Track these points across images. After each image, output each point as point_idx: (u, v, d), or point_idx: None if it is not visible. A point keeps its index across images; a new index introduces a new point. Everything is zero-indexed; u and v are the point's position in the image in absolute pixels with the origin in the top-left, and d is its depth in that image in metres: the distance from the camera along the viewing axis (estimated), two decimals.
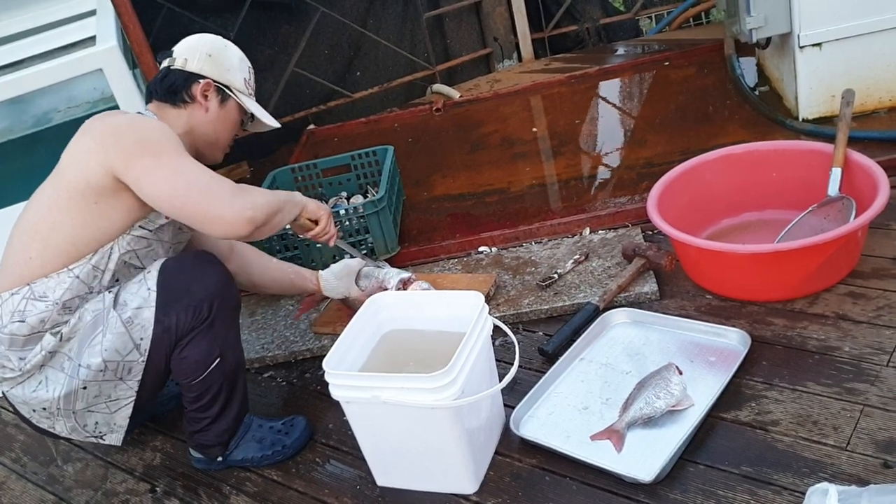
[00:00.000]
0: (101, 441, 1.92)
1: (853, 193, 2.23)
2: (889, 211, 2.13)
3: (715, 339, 2.07)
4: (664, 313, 2.20)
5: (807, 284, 2.13)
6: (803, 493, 1.59)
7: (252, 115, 2.07)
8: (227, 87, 2.00)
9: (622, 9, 5.09)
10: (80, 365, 1.79)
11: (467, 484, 1.83)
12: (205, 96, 1.96)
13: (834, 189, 2.26)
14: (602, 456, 1.80)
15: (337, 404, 1.80)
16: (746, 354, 1.97)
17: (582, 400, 2.00)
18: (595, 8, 4.77)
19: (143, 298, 1.81)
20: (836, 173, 2.27)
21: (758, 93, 3.30)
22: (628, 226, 2.61)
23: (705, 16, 4.83)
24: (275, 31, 4.18)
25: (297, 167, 3.13)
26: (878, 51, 2.74)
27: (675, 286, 2.32)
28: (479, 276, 2.49)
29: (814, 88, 2.85)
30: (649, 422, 1.86)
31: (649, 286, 2.29)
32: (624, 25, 4.88)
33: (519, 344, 2.23)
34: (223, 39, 2.05)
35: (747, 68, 3.46)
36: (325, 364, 1.75)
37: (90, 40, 2.74)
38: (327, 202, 3.08)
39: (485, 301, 1.92)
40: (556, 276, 2.41)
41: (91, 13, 2.99)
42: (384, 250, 2.68)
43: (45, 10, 3.11)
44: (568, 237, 2.64)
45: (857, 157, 2.27)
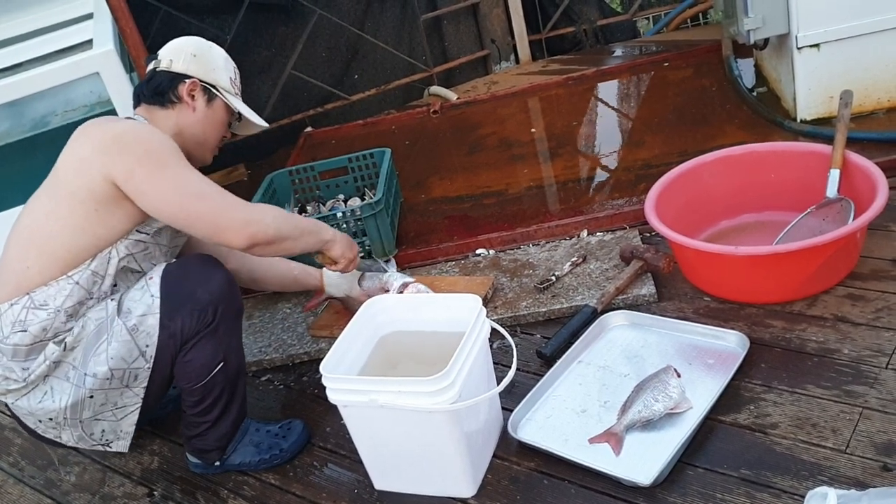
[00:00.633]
0: (108, 448, 1.90)
1: (852, 195, 2.22)
2: (888, 212, 2.13)
3: (713, 342, 2.07)
4: (662, 316, 2.20)
5: (805, 286, 2.13)
6: (802, 497, 1.58)
7: (239, 115, 2.07)
8: (213, 86, 2.00)
9: (619, 10, 5.09)
10: (85, 374, 1.78)
11: (465, 487, 1.82)
12: (191, 96, 1.96)
13: (832, 190, 2.26)
14: (600, 459, 1.80)
15: (334, 408, 1.79)
16: (745, 357, 1.97)
17: (580, 403, 1.99)
18: (592, 9, 4.77)
19: (147, 305, 1.79)
20: (835, 175, 2.27)
21: (756, 94, 3.29)
22: (626, 228, 2.61)
23: (703, 17, 4.83)
24: (272, 34, 4.17)
25: (295, 170, 3.13)
26: (876, 52, 2.74)
27: (672, 288, 2.32)
28: (477, 278, 2.49)
29: (812, 89, 2.85)
30: (648, 425, 1.85)
31: (647, 288, 2.29)
32: (621, 27, 4.87)
33: (517, 346, 2.22)
34: (207, 41, 2.06)
35: (745, 69, 3.46)
36: (323, 367, 1.75)
37: (87, 44, 2.74)
38: (325, 205, 3.08)
39: (482, 304, 1.91)
40: (553, 278, 2.41)
41: (88, 17, 2.99)
42: (381, 253, 2.67)
43: (41, 13, 3.11)
44: (565, 239, 2.63)
45: (856, 158, 2.26)
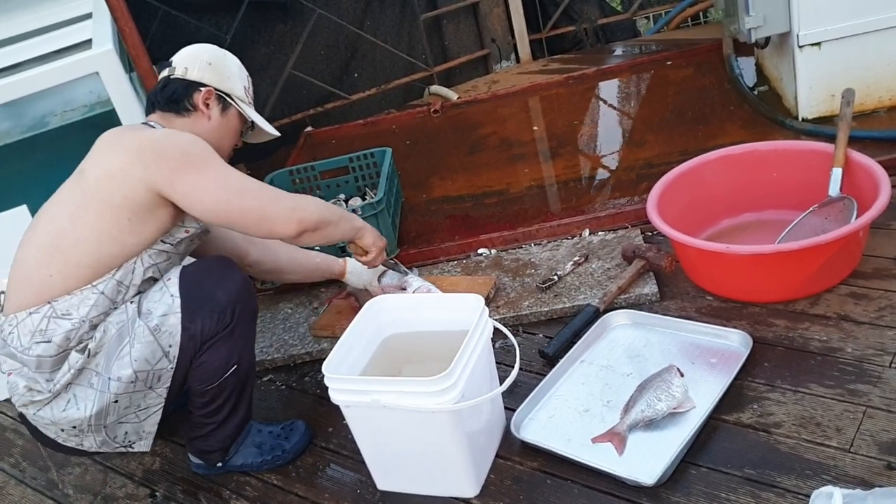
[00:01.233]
0: (131, 450, 1.89)
1: (854, 193, 2.22)
2: (890, 211, 2.12)
3: (716, 341, 2.06)
4: (664, 315, 2.20)
5: (808, 285, 2.12)
6: (807, 496, 1.59)
7: (251, 124, 2.07)
8: (228, 94, 1.99)
9: (620, 9, 5.08)
10: (110, 378, 1.76)
11: (468, 487, 1.82)
12: (206, 104, 1.96)
13: (835, 189, 2.25)
14: (604, 459, 1.79)
15: (337, 408, 1.79)
16: (748, 356, 1.96)
17: (583, 402, 1.98)
18: (593, 8, 4.76)
19: (168, 305, 1.78)
20: (837, 173, 2.26)
21: (757, 93, 3.29)
22: (628, 227, 2.60)
23: (703, 16, 4.82)
24: (271, 33, 4.17)
25: (295, 169, 3.12)
26: (877, 50, 2.74)
27: (675, 287, 2.31)
28: (479, 278, 2.48)
29: (813, 88, 2.85)
30: (651, 424, 1.85)
31: (649, 287, 2.29)
32: (622, 26, 4.87)
33: (519, 346, 2.22)
34: (221, 49, 2.05)
35: (746, 68, 3.46)
36: (325, 368, 1.74)
37: (86, 44, 2.73)
38: None
39: (485, 303, 1.90)
40: (555, 277, 2.41)
41: (87, 16, 2.97)
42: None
43: (40, 13, 3.09)
44: (567, 239, 2.63)
45: (858, 156, 2.26)
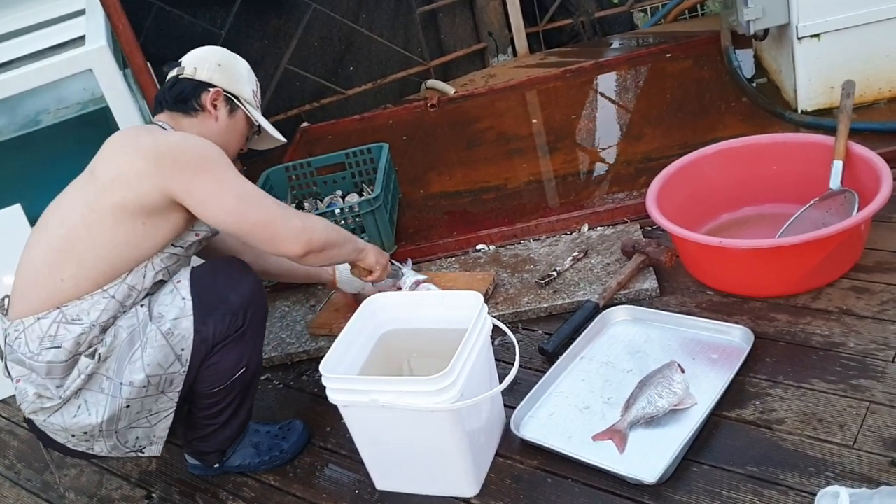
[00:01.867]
0: (141, 454, 1.85)
1: (855, 186, 2.20)
2: (892, 203, 2.10)
3: (717, 336, 2.04)
4: (665, 310, 2.18)
5: (809, 279, 2.10)
6: (810, 494, 1.57)
7: (258, 128, 2.05)
8: (237, 96, 1.97)
9: (617, 2, 5.05)
10: (121, 383, 1.73)
11: (468, 487, 1.80)
12: (214, 105, 1.93)
13: (836, 182, 2.23)
14: (604, 457, 1.77)
15: (335, 407, 1.77)
16: (749, 351, 1.94)
17: (583, 399, 1.97)
18: (589, 1, 4.73)
19: (180, 308, 1.76)
20: (838, 166, 2.24)
21: (755, 85, 3.27)
22: (627, 222, 2.58)
23: (700, 8, 4.79)
24: (265, 27, 4.14)
25: (291, 166, 3.10)
26: (877, 41, 2.71)
27: (675, 282, 2.29)
28: (478, 274, 2.46)
29: (813, 80, 2.83)
30: (652, 421, 1.83)
31: (649, 283, 2.27)
32: (619, 19, 4.84)
33: (518, 343, 2.19)
34: (231, 52, 2.03)
35: (744, 60, 3.43)
36: (323, 367, 1.72)
37: (79, 40, 2.70)
38: (322, 201, 3.05)
39: (483, 300, 1.88)
40: (554, 273, 2.38)
41: (80, 13, 2.95)
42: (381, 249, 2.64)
43: (32, 10, 3.07)
44: (566, 234, 2.60)
45: (859, 149, 2.24)
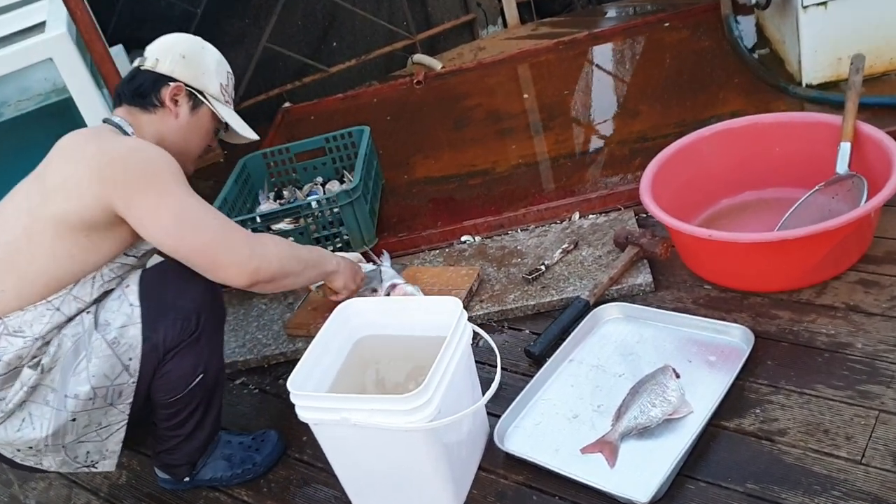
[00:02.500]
0: (94, 469, 1.75)
1: (864, 170, 2.05)
2: None
3: (715, 336, 1.92)
4: (659, 307, 2.05)
5: (814, 273, 1.97)
6: None
7: (226, 124, 1.90)
8: (201, 91, 1.82)
9: None
10: (66, 396, 1.62)
11: None
12: (174, 101, 1.79)
13: (843, 166, 2.09)
14: (594, 472, 1.66)
15: None
16: (750, 353, 1.82)
17: (571, 407, 1.85)
18: None
19: (127, 315, 1.64)
20: (845, 148, 2.09)
21: (757, 56, 3.10)
22: (620, 209, 2.44)
23: None
24: (244, 5, 3.97)
25: (269, 152, 2.95)
26: (886, 9, 2.55)
27: (671, 276, 2.16)
28: (462, 269, 2.33)
29: (818, 51, 2.66)
30: (644, 432, 1.71)
31: (643, 277, 2.13)
32: None
33: (504, 344, 2.10)
34: (202, 40, 1.88)
35: (746, 29, 3.26)
36: (290, 384, 1.60)
37: (39, 27, 2.55)
38: (301, 189, 2.91)
39: (469, 295, 1.77)
40: (543, 267, 2.25)
41: None
42: (360, 243, 2.51)
43: None
44: (556, 223, 2.47)
45: (869, 129, 2.09)
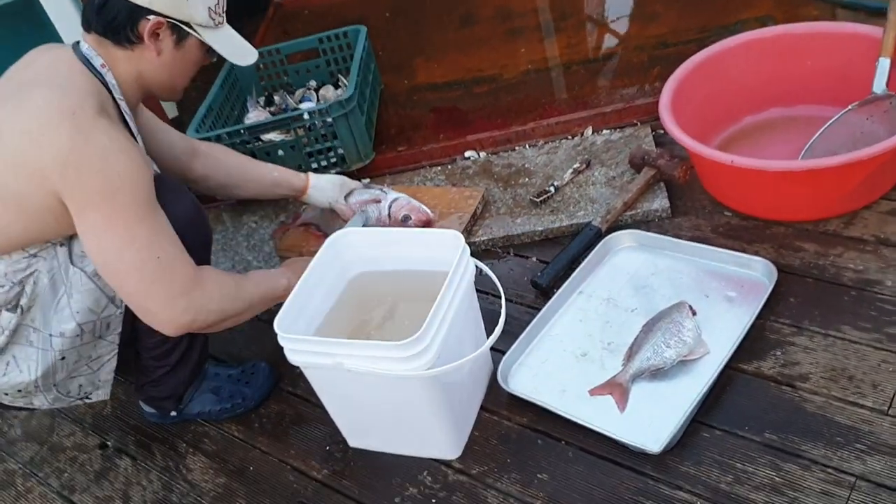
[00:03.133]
0: (88, 400, 1.67)
1: None
2: None
3: (735, 270, 1.79)
4: (675, 235, 1.92)
5: (843, 203, 1.83)
6: (836, 470, 1.38)
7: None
8: (186, 23, 1.56)
9: None
10: (51, 335, 1.52)
11: (448, 449, 1.61)
12: (155, 35, 1.53)
13: (880, 85, 1.90)
14: (602, 417, 1.57)
15: None
16: (772, 289, 1.70)
17: (580, 344, 1.74)
18: None
19: None
20: (884, 65, 1.90)
21: None
22: (637, 124, 2.27)
23: None
24: None
25: (259, 53, 2.73)
26: None
27: (689, 200, 2.02)
28: (465, 189, 2.18)
29: None
30: (657, 374, 1.61)
31: (659, 202, 1.99)
32: None
33: (509, 273, 1.99)
34: None
35: None
36: (277, 325, 1.48)
37: None
38: (293, 94, 2.72)
39: (472, 219, 1.62)
40: (552, 189, 2.11)
41: None
42: (357, 158, 2.35)
43: None
44: (567, 139, 2.30)
45: None
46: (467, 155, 2.36)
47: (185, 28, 1.56)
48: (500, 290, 1.61)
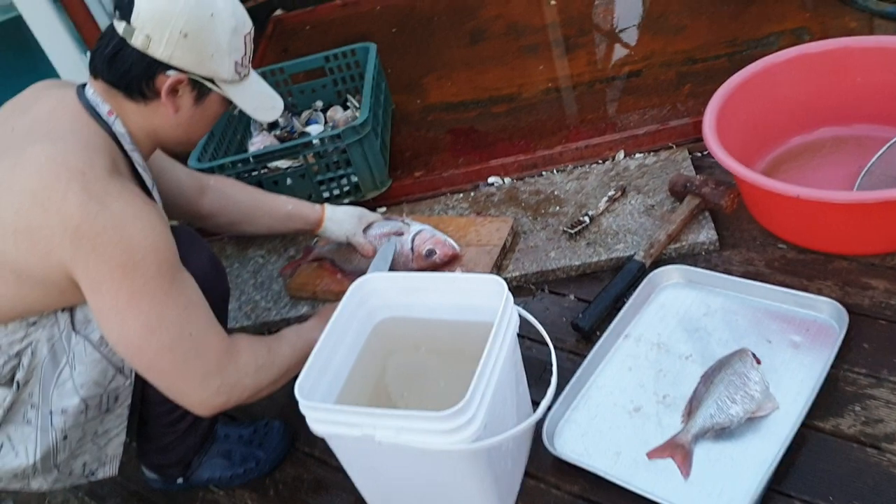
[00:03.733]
0: (93, 478, 1.47)
1: None
2: None
3: (797, 311, 1.63)
4: (726, 270, 1.75)
5: None
6: None
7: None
8: (210, 79, 1.38)
9: None
10: (51, 412, 1.34)
11: None
12: (174, 92, 1.36)
13: None
14: (665, 485, 1.39)
15: None
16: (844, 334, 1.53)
17: (632, 397, 1.57)
18: None
19: None
20: None
21: None
22: (672, 147, 2.11)
23: None
24: None
25: (261, 73, 2.57)
26: None
27: (737, 231, 1.86)
28: (492, 219, 2.00)
29: None
30: (722, 433, 1.44)
31: (706, 233, 1.83)
32: None
33: (545, 312, 1.82)
34: (208, 4, 1.33)
35: None
36: (298, 390, 1.30)
37: None
38: (299, 116, 2.55)
39: (502, 253, 1.44)
40: (586, 219, 1.94)
41: None
42: (372, 186, 2.18)
43: None
44: (598, 163, 2.14)
45: None
46: (491, 181, 2.19)
47: (207, 84, 1.38)
48: (548, 343, 1.43)
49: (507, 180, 2.18)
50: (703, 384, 1.51)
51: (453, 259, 1.87)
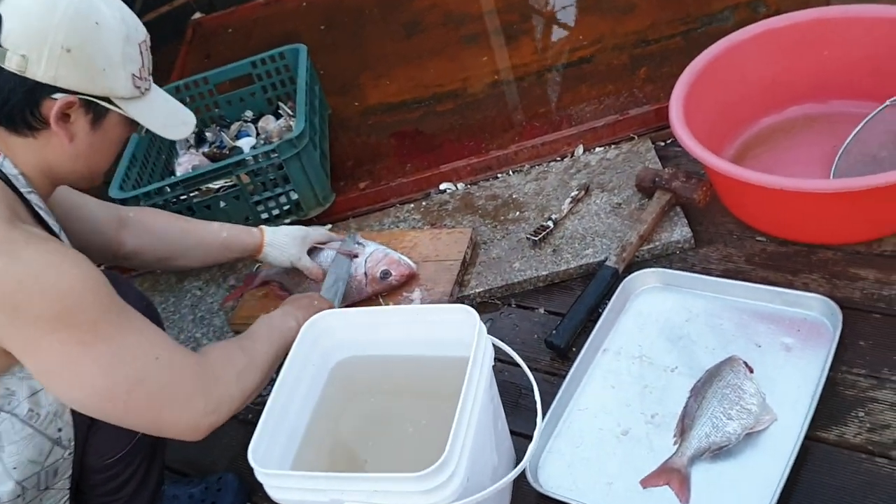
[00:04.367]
0: None
1: None
2: None
3: (784, 309, 1.52)
4: (705, 270, 1.64)
5: None
6: None
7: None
8: (106, 98, 1.20)
9: None
10: None
11: None
12: (65, 117, 1.17)
13: None
14: None
15: None
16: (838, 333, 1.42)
17: (618, 419, 1.44)
18: None
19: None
20: None
21: None
22: (634, 138, 1.98)
23: None
24: None
25: (184, 84, 2.37)
26: None
27: (712, 226, 1.74)
28: (449, 230, 1.85)
29: None
30: (720, 452, 1.32)
31: (680, 231, 1.71)
32: None
33: (514, 329, 1.68)
34: (88, 8, 1.15)
35: None
36: (252, 456, 1.14)
37: None
38: (228, 129, 2.36)
39: (462, 267, 1.30)
40: (550, 223, 1.80)
41: None
42: (314, 203, 2.01)
43: None
44: (556, 160, 2.00)
45: None
46: (443, 187, 2.04)
47: (102, 104, 1.19)
48: (528, 373, 1.29)
49: (461, 186, 2.03)
50: (693, 399, 1.39)
51: (410, 278, 1.72)
